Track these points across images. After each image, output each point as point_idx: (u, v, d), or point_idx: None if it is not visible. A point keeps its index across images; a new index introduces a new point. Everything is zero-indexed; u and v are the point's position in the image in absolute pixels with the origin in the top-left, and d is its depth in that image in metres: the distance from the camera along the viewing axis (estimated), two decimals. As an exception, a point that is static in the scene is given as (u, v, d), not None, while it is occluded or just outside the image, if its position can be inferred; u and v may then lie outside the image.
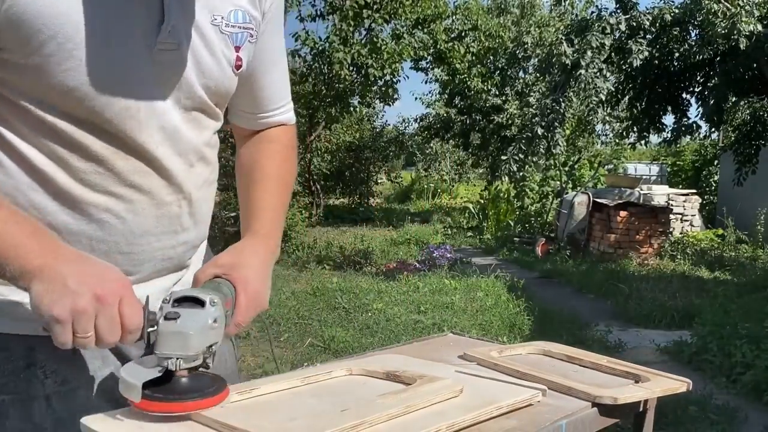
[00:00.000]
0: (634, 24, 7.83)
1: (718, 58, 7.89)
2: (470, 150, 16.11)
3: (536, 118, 8.26)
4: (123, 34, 0.89)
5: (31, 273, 0.80)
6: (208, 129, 1.04)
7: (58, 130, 0.90)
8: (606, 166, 14.95)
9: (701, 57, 7.75)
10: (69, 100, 0.88)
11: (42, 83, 0.87)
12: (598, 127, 14.65)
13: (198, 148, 1.02)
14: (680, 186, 13.85)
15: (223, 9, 0.98)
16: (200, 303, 0.86)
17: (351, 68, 10.33)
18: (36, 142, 0.90)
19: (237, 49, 1.01)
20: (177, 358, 0.84)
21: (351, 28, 10.19)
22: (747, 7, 6.87)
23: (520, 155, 8.28)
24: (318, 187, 14.02)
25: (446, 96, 15.53)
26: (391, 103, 12.52)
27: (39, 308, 0.79)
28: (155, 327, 0.84)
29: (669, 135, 8.84)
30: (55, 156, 0.91)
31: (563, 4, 9.24)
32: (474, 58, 13.84)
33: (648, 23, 7.85)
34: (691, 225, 11.06)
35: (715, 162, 13.97)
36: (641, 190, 10.47)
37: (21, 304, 0.91)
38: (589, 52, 7.60)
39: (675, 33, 8.02)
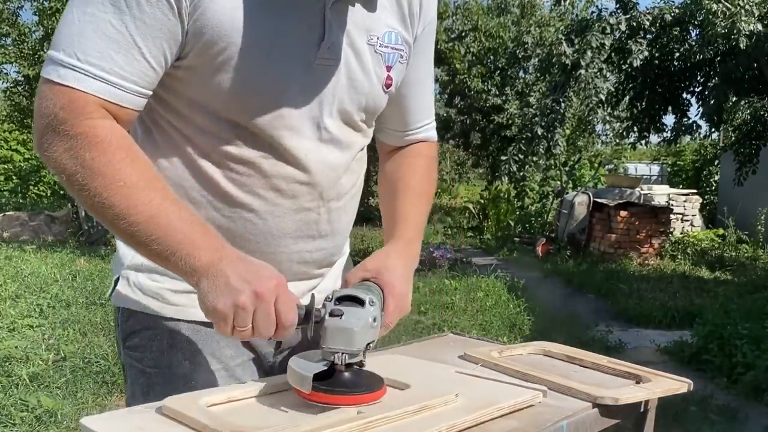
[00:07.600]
0: (634, 24, 7.82)
1: (718, 58, 7.87)
2: (470, 150, 16.09)
3: (536, 118, 8.25)
4: (284, 48, 0.96)
5: (199, 270, 0.87)
6: (356, 143, 1.11)
7: (220, 135, 0.99)
8: (606, 166, 14.98)
9: (701, 57, 7.74)
10: (230, 104, 0.97)
11: (210, 88, 0.96)
12: (598, 127, 14.63)
13: (345, 161, 1.09)
14: (681, 186, 13.85)
15: (379, 30, 1.05)
16: (360, 302, 0.91)
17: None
18: (201, 146, 1.00)
19: (388, 68, 1.08)
20: (342, 353, 0.89)
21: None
22: (747, 7, 6.86)
23: (520, 155, 8.27)
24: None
25: (446, 96, 15.52)
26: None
27: (204, 303, 0.87)
28: (321, 323, 0.90)
29: (669, 135, 8.83)
30: (215, 158, 1.00)
31: (563, 4, 9.20)
32: (474, 58, 13.83)
33: (648, 23, 7.84)
34: (692, 225, 11.05)
35: (716, 162, 13.96)
36: (641, 189, 10.47)
37: (169, 290, 1.04)
38: (589, 52, 7.59)
39: (675, 33, 8.01)
